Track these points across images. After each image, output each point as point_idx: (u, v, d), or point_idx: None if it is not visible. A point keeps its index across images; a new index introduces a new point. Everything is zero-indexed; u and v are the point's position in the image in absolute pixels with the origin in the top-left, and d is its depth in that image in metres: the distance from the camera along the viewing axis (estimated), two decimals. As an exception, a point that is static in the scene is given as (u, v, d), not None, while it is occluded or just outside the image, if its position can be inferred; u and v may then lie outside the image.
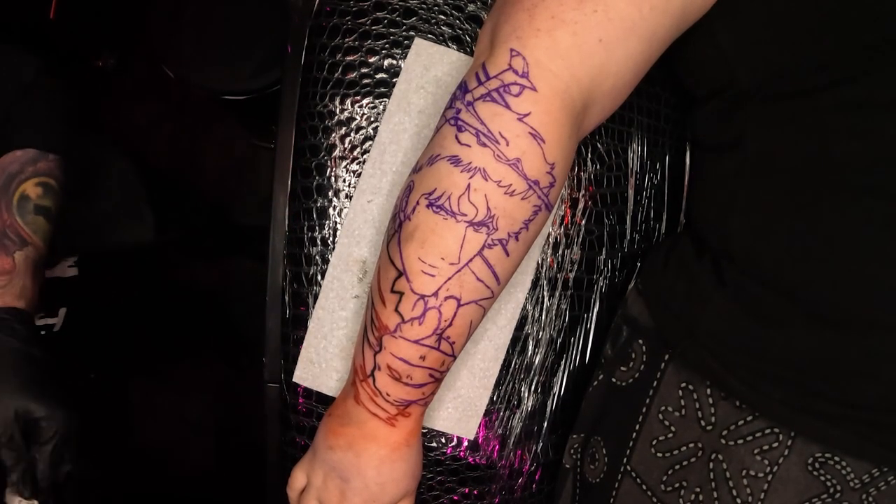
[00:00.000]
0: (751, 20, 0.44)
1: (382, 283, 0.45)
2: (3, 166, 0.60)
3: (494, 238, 0.43)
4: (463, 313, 0.44)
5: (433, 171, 0.43)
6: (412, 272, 0.43)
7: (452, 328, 0.44)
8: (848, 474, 0.44)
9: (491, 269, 0.43)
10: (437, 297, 0.43)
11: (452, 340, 0.45)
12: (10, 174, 0.60)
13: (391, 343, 0.44)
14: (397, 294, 0.44)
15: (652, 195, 0.61)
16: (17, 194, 0.60)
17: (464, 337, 0.45)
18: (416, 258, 0.43)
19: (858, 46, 0.41)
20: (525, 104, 0.41)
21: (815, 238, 0.43)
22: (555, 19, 0.41)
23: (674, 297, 0.52)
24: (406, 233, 0.44)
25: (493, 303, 0.47)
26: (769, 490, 0.45)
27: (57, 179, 0.63)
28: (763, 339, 0.46)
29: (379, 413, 0.47)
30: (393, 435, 0.48)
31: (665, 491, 0.49)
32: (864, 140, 0.42)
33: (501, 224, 0.43)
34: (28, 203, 0.60)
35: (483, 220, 0.42)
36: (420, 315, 0.43)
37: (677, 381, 0.50)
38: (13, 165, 0.60)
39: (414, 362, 0.44)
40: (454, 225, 0.42)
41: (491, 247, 0.43)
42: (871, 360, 0.42)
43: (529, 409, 0.58)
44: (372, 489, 0.48)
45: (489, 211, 0.42)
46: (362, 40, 0.56)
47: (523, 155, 0.42)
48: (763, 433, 0.46)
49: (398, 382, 0.45)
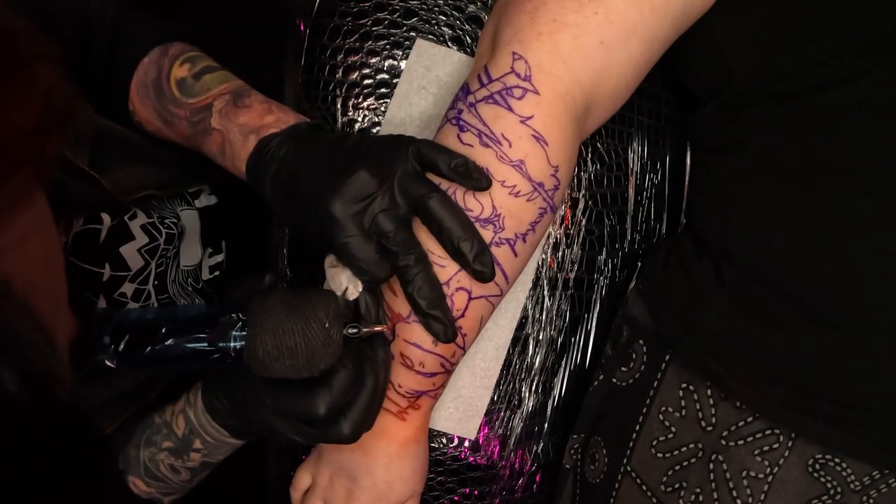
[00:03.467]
0: (750, 20, 0.44)
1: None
2: (143, 82, 0.52)
3: (501, 237, 0.43)
4: (474, 306, 0.44)
5: None
6: None
7: (465, 320, 0.44)
8: (848, 476, 0.44)
9: (499, 266, 0.43)
10: (449, 287, 0.43)
11: (465, 332, 0.45)
12: (153, 81, 0.52)
13: (404, 329, 0.44)
14: None
15: (652, 195, 0.61)
16: (173, 87, 0.50)
17: (474, 332, 0.46)
18: (428, 250, 0.43)
19: (858, 46, 0.41)
20: (528, 107, 0.42)
21: (815, 239, 0.43)
22: (556, 22, 0.41)
23: (674, 297, 0.52)
24: (415, 227, 0.44)
25: (499, 302, 0.47)
26: (769, 491, 0.45)
27: (198, 50, 0.53)
28: (763, 340, 0.46)
29: (390, 407, 0.47)
30: (402, 430, 0.47)
31: (665, 491, 0.49)
32: (864, 140, 0.42)
33: (508, 224, 0.43)
34: (185, 81, 0.50)
35: (489, 217, 0.42)
36: None
37: (678, 381, 0.50)
38: (150, 72, 0.52)
39: (427, 347, 0.44)
40: None
41: (499, 245, 0.43)
42: (872, 361, 0.42)
43: (530, 410, 0.58)
44: (380, 488, 0.48)
45: (495, 209, 0.42)
46: (363, 41, 0.56)
47: (527, 157, 0.42)
48: (763, 434, 0.46)
49: (410, 371, 0.45)
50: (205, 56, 0.52)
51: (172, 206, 0.59)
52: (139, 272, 0.53)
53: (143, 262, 0.53)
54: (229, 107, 0.48)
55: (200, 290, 0.63)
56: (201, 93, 0.49)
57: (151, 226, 0.53)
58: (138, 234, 0.52)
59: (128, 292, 0.52)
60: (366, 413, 0.42)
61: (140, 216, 0.53)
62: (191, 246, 0.61)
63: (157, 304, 0.55)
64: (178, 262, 0.59)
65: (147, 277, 0.54)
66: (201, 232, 0.62)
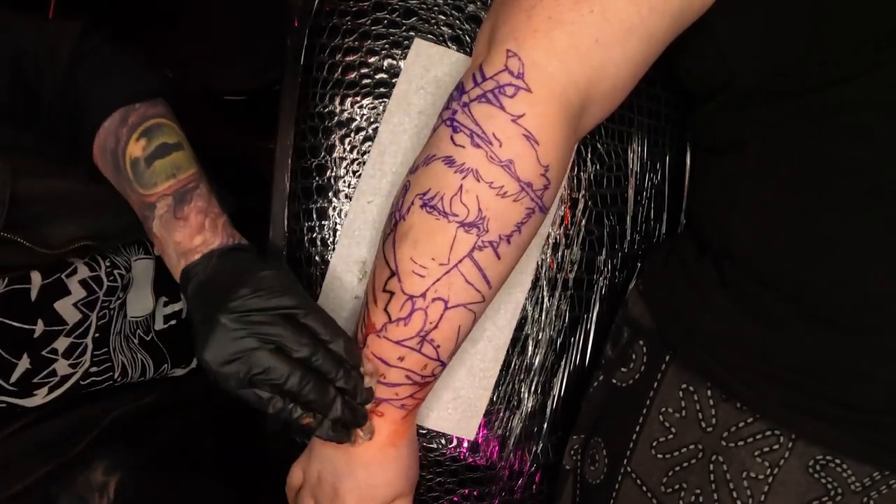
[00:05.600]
0: (751, 20, 0.44)
1: (377, 282, 0.46)
2: (103, 147, 0.52)
3: (485, 240, 0.43)
4: (450, 317, 0.44)
5: (428, 172, 0.44)
6: (404, 272, 0.44)
7: (438, 331, 0.44)
8: (849, 477, 0.44)
9: (481, 272, 0.43)
10: (425, 299, 0.43)
11: (437, 344, 0.45)
12: (111, 151, 0.52)
13: (374, 343, 0.45)
14: (388, 293, 0.45)
15: (652, 195, 0.61)
16: (127, 167, 0.51)
17: (451, 342, 0.46)
18: (409, 258, 0.43)
19: (858, 46, 0.41)
20: (520, 105, 0.42)
21: (815, 239, 0.43)
22: (552, 20, 0.41)
23: (674, 297, 0.52)
24: (400, 233, 0.44)
25: (484, 307, 0.47)
26: (769, 492, 0.45)
27: (160, 115, 0.53)
28: (764, 341, 0.45)
29: None
30: (376, 434, 0.48)
31: (665, 492, 0.49)
32: (864, 140, 0.42)
33: (492, 226, 0.43)
34: (138, 164, 0.51)
35: (474, 220, 0.42)
36: (406, 316, 0.44)
37: (678, 382, 0.50)
38: (108, 140, 0.52)
39: (392, 363, 0.45)
40: (446, 225, 0.43)
41: (481, 248, 0.43)
42: (872, 362, 0.42)
43: (529, 410, 0.58)
44: (363, 489, 0.48)
45: (480, 212, 0.42)
46: (362, 40, 0.56)
47: (516, 157, 0.42)
48: (764, 435, 0.45)
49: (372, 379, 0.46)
50: (164, 125, 0.53)
51: (127, 254, 0.59)
52: (77, 325, 0.53)
53: (80, 315, 0.53)
54: (169, 216, 0.51)
55: (149, 342, 0.62)
56: (149, 185, 0.51)
57: (93, 279, 0.54)
58: (75, 288, 0.52)
59: (60, 348, 0.52)
60: None
61: (82, 270, 0.53)
62: (140, 296, 0.60)
63: (89, 363, 0.55)
64: (124, 312, 0.58)
65: (87, 331, 0.54)
66: (154, 280, 0.62)
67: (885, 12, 0.40)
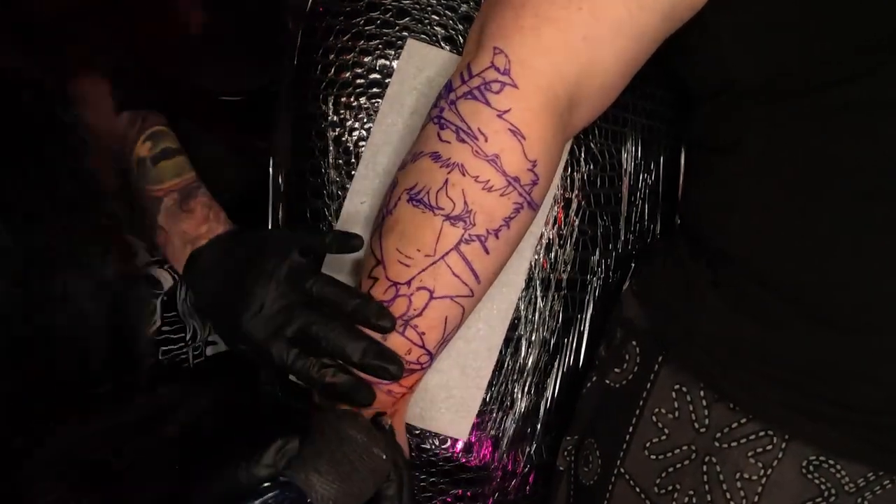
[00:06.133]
0: (751, 20, 0.44)
1: (362, 272, 0.46)
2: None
3: (472, 234, 0.43)
4: (436, 306, 0.44)
5: (415, 168, 0.44)
6: (389, 261, 0.44)
7: (422, 318, 0.44)
8: (843, 478, 0.43)
9: (468, 265, 0.44)
10: (410, 286, 0.44)
11: (422, 331, 0.45)
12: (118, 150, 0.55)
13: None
14: (372, 280, 0.45)
15: (646, 195, 0.61)
16: (134, 164, 0.55)
17: (436, 331, 0.46)
18: (395, 249, 0.44)
19: (858, 46, 0.41)
20: (505, 101, 0.42)
21: (815, 239, 0.43)
22: (539, 17, 0.41)
23: (668, 298, 0.52)
24: (387, 226, 0.45)
25: (474, 303, 0.47)
26: (763, 493, 0.45)
27: (162, 124, 0.57)
28: (762, 340, 0.45)
29: None
30: None
31: (659, 493, 0.49)
32: (864, 140, 0.41)
33: (479, 220, 0.43)
34: (144, 163, 0.55)
35: (460, 214, 0.43)
36: (389, 300, 0.44)
37: (671, 383, 0.50)
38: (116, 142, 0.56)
39: None
40: (432, 218, 0.43)
41: (468, 242, 0.43)
42: (870, 362, 0.42)
43: (523, 411, 0.58)
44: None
45: (466, 206, 0.42)
46: (355, 41, 0.56)
47: (502, 151, 0.42)
48: (757, 436, 0.45)
49: None
50: (166, 133, 0.57)
51: None
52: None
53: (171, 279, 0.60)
54: (175, 208, 0.55)
55: None
56: (155, 182, 0.55)
57: None
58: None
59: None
60: None
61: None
62: None
63: (160, 322, 0.59)
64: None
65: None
66: None
67: (890, 11, 0.40)
